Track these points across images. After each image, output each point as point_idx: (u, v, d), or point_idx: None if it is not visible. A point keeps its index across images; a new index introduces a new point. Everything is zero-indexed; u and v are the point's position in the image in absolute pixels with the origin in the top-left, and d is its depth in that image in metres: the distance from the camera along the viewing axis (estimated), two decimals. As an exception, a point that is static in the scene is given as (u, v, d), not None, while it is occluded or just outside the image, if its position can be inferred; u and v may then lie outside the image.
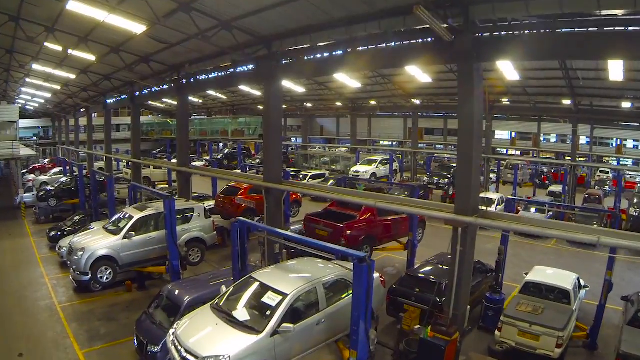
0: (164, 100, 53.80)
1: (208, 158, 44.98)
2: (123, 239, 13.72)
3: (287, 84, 33.66)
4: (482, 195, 26.53)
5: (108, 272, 13.62)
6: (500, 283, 12.99)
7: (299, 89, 33.89)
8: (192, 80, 19.86)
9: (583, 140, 52.32)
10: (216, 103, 50.18)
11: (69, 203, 26.80)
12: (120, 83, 27.48)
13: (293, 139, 71.62)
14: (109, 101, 32.77)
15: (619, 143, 49.13)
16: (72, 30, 16.89)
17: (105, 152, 32.43)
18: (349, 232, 13.45)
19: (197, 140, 50.78)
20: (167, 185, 31.17)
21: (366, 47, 12.51)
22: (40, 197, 26.07)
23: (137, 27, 13.33)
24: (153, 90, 24.46)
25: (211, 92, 43.28)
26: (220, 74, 18.46)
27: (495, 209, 24.93)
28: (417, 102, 31.97)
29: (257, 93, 38.92)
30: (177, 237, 13.96)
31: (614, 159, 47.25)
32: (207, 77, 19.06)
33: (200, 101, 49.85)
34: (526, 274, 13.66)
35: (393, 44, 11.89)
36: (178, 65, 19.81)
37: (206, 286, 10.94)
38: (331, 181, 31.24)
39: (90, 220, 19.57)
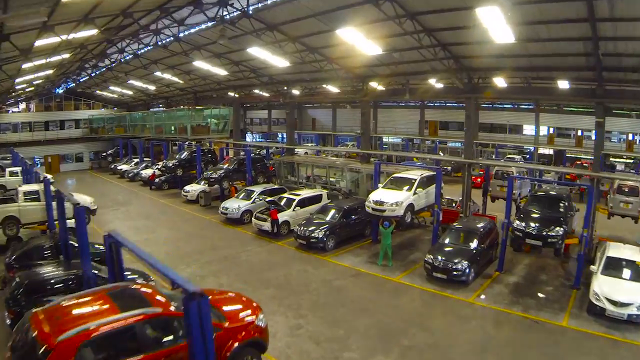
0: (112, 88, 39.66)
1: (161, 165, 30.88)
2: None
3: (262, 53, 19.89)
4: (615, 254, 13.17)
5: None
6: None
7: (279, 61, 20.04)
8: None
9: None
10: (174, 90, 36.08)
11: None
12: None
13: (280, 136, 57.84)
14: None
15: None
16: None
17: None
18: None
19: (151, 140, 36.69)
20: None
21: None
22: None
23: None
24: None
25: (164, 75, 29.18)
26: None
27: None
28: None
29: (221, 72, 24.98)
30: None
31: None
32: None
33: (153, 88, 35.72)
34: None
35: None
36: None
37: None
38: (332, 211, 17.73)
39: None
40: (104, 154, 45.22)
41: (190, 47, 22.03)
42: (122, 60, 27.05)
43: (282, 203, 19.61)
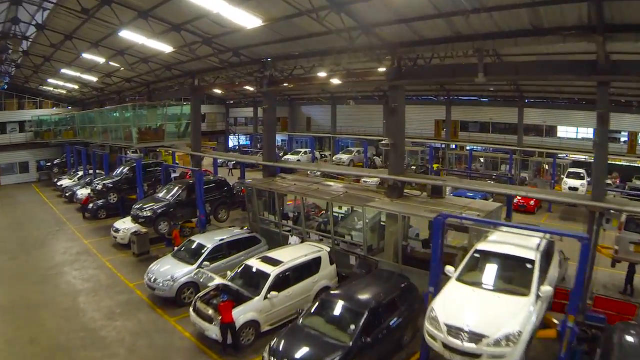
0: (51, 81, 29.97)
1: (102, 181, 20.93)
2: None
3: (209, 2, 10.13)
4: None
5: None
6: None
7: (244, 17, 10.59)
8: None
9: None
10: (118, 82, 26.20)
11: None
12: None
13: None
14: None
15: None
16: None
17: None
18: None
19: (94, 148, 26.99)
20: None
21: None
22: None
23: None
24: None
25: (91, 57, 19.45)
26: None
27: None
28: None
29: (163, 47, 15.37)
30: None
31: None
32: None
33: (95, 79, 26.00)
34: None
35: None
36: None
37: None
38: (342, 313, 8.42)
39: None
40: (49, 163, 35.50)
41: (96, 2, 12.51)
42: (19, 34, 17.61)
43: (246, 278, 10.19)
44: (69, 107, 40.73)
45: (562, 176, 24.38)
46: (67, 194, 26.86)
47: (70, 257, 16.85)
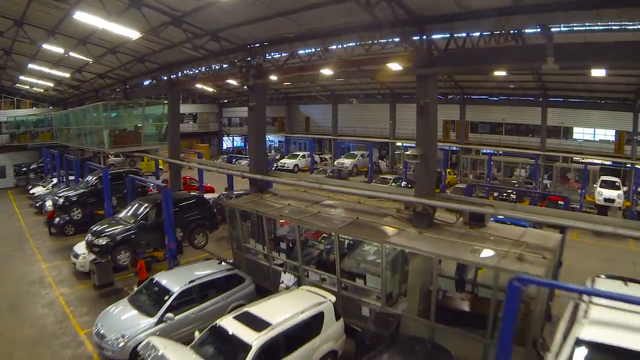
0: (23, 78, 26.94)
1: (65, 193, 17.84)
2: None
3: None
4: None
5: None
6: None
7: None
8: None
9: None
10: (92, 79, 23.01)
11: None
12: None
13: (271, 141, 44.89)
14: None
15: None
16: None
17: None
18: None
19: (65, 153, 24.01)
20: None
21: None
22: None
23: None
24: None
25: (50, 47, 16.41)
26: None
27: None
28: None
29: (127, 32, 12.34)
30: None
31: None
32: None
33: (68, 75, 22.92)
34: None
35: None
36: None
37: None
38: None
39: None
40: (25, 168, 32.46)
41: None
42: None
43: (218, 346, 7.21)
44: (50, 107, 37.66)
45: (594, 185, 21.39)
46: (37, 204, 23.87)
47: (21, 288, 13.86)
